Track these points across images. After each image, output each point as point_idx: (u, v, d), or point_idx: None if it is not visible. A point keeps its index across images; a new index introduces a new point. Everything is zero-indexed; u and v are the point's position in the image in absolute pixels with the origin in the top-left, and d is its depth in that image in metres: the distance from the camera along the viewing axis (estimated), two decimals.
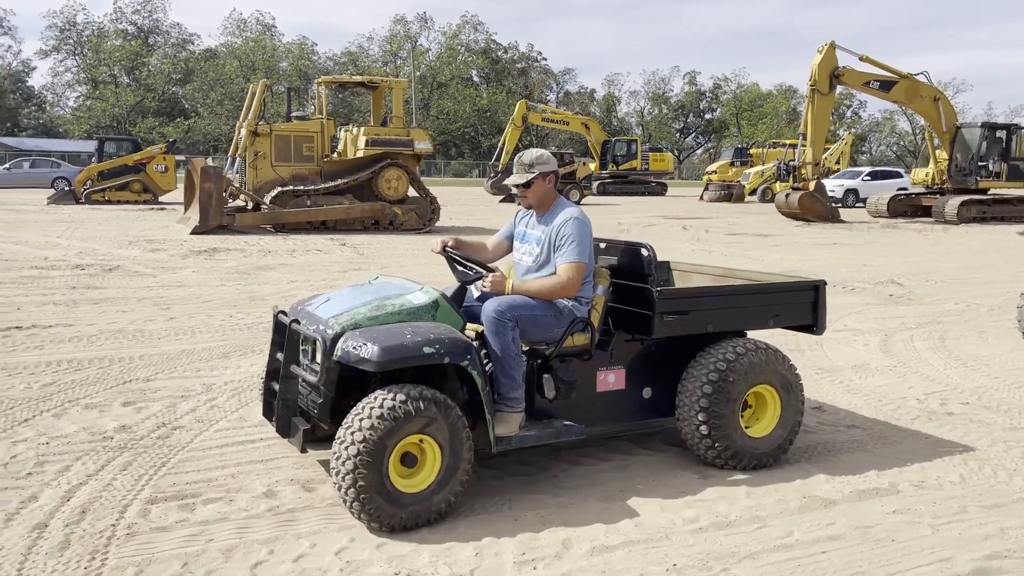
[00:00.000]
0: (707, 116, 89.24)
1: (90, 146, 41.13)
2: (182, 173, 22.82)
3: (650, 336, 4.13)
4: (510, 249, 4.42)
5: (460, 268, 4.04)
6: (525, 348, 3.97)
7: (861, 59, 23.06)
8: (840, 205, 29.99)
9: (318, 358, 3.61)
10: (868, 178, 35.10)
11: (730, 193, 38.00)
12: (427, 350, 3.43)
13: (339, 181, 18.31)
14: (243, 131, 18.08)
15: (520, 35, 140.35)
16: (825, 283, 4.61)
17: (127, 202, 26.75)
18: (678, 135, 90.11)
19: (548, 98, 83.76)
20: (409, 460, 3.46)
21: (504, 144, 36.28)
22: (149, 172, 27.40)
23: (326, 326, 3.63)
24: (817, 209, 23.39)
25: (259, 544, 3.33)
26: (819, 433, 4.88)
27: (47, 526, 3.42)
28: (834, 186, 33.29)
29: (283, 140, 18.27)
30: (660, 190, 43.06)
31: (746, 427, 4.23)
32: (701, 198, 38.82)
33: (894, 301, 9.86)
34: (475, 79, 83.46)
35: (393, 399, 3.35)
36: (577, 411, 4.05)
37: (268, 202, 17.75)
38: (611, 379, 4.16)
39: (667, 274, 5.20)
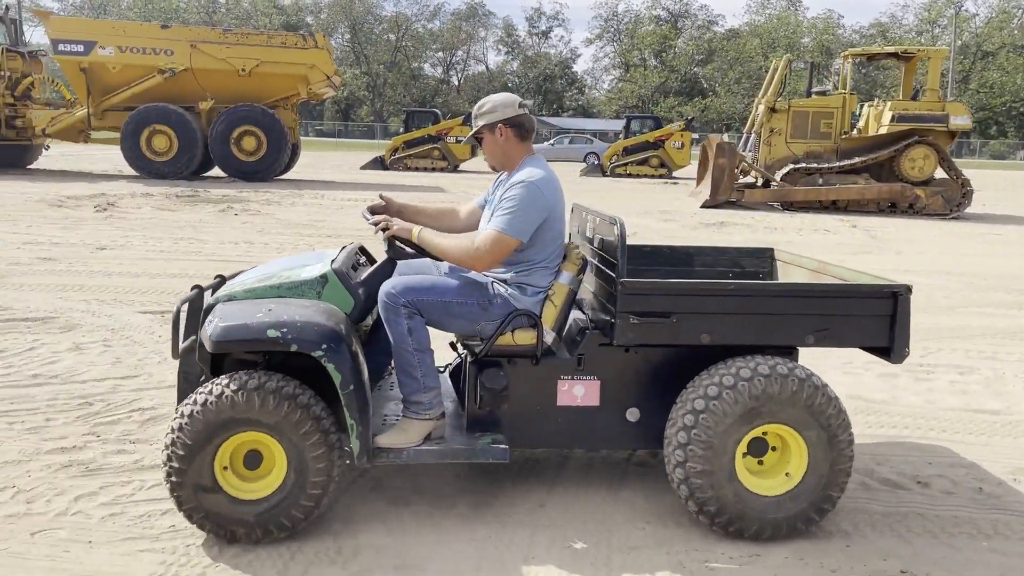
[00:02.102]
0: None
1: (617, 124, 45.40)
2: (696, 150, 23.85)
3: (611, 342, 3.15)
4: None
5: (396, 242, 3.35)
6: (457, 342, 3.34)
7: None
8: None
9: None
10: None
11: None
12: (272, 333, 2.85)
13: (856, 159, 17.37)
14: (761, 107, 18.15)
15: None
16: (909, 289, 3.13)
17: (645, 176, 28.90)
18: None
19: None
20: (253, 461, 2.99)
21: None
22: (667, 148, 29.17)
23: (214, 297, 3.24)
24: None
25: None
26: None
27: None
28: None
29: (801, 116, 17.89)
30: None
31: (753, 479, 3.11)
32: None
33: None
34: None
35: (222, 388, 2.87)
36: (528, 427, 3.25)
37: (778, 179, 17.60)
38: (578, 392, 3.25)
39: (769, 264, 4.19)
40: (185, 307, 3.26)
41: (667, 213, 15.96)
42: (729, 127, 63.88)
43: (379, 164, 28.86)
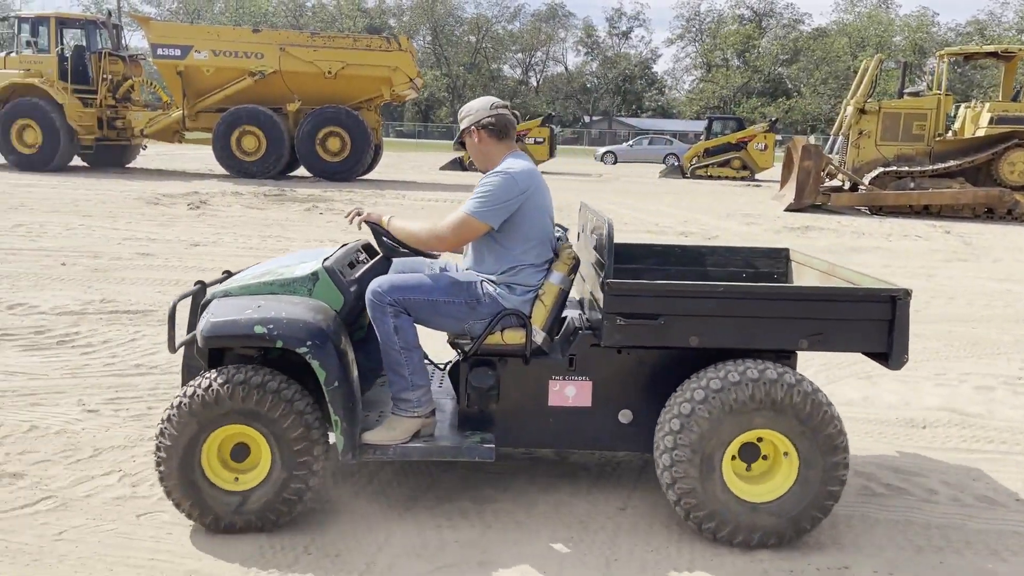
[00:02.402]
0: None
1: (697, 125, 44.81)
2: (780, 152, 23.34)
3: (599, 343, 3.13)
4: None
5: (386, 239, 3.34)
6: (450, 341, 3.34)
7: None
8: None
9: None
10: None
11: None
12: (258, 329, 2.92)
13: (950, 163, 16.74)
14: (849, 109, 17.66)
15: None
16: (908, 293, 3.01)
17: (726, 178, 28.41)
18: None
19: None
20: (241, 453, 3.06)
21: None
22: (749, 150, 28.61)
23: (211, 293, 3.31)
24: None
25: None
26: None
27: None
28: None
29: (891, 118, 17.36)
30: None
31: (743, 485, 3.05)
32: None
33: None
34: None
35: (210, 382, 2.95)
36: (519, 426, 3.26)
37: (867, 183, 17.09)
38: (570, 392, 3.24)
39: (785, 265, 4.11)
40: (183, 302, 3.37)
41: (750, 216, 15.67)
42: (814, 129, 62.22)
43: (458, 165, 29.14)
